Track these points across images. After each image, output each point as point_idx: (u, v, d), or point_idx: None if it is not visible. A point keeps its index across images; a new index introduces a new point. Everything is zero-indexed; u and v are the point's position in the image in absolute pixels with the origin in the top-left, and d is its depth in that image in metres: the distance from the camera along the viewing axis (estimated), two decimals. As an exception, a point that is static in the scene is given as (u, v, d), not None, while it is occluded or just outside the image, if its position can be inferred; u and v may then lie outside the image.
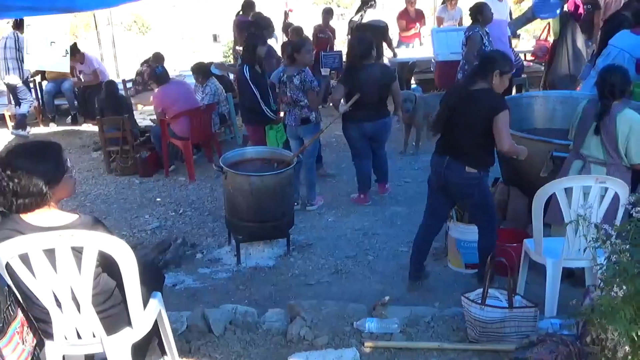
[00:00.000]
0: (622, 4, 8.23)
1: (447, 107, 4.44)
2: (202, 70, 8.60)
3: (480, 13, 7.99)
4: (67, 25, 9.59)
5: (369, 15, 9.45)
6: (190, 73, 8.99)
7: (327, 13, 11.47)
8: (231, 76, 9.02)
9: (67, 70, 9.92)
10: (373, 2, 9.66)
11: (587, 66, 7.42)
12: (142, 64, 10.85)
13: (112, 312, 3.05)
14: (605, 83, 4.32)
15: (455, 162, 4.39)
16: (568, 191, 4.04)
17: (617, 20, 6.98)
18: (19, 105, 10.16)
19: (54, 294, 2.85)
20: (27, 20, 8.68)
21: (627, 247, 2.74)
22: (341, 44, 12.05)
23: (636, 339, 2.70)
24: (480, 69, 4.38)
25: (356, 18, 9.67)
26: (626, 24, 6.25)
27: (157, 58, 9.98)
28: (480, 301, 3.75)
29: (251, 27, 8.24)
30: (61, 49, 9.24)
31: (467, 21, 9.70)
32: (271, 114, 6.63)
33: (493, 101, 4.26)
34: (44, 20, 8.74)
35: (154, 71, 8.18)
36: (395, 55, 10.52)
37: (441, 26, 11.27)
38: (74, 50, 10.10)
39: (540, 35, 10.62)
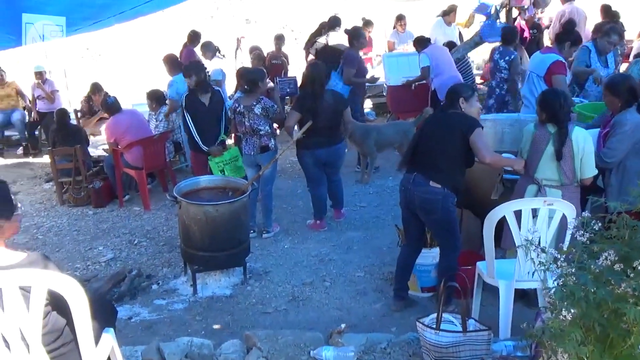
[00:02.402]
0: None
1: (420, 134, 4.68)
2: (156, 97, 8.55)
3: (515, 35, 8.26)
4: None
5: (333, 39, 9.52)
6: (145, 101, 8.93)
7: (279, 39, 11.55)
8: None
9: None
10: (337, 26, 9.74)
11: None
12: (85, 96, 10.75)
13: (63, 351, 3.00)
14: (560, 108, 4.42)
15: (422, 177, 4.52)
16: (518, 213, 4.13)
17: None
18: None
19: (1, 334, 2.78)
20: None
21: (574, 270, 2.80)
22: (296, 69, 12.11)
23: (585, 360, 2.76)
24: (447, 102, 4.66)
25: (322, 40, 9.73)
26: None
27: (95, 88, 9.87)
28: (434, 326, 3.78)
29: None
30: None
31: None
32: (202, 145, 6.51)
33: (467, 120, 4.50)
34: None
35: (105, 101, 8.10)
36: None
37: (393, 50, 11.47)
38: None
39: (489, 58, 10.85)
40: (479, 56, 13.05)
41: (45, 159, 9.25)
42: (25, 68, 11.48)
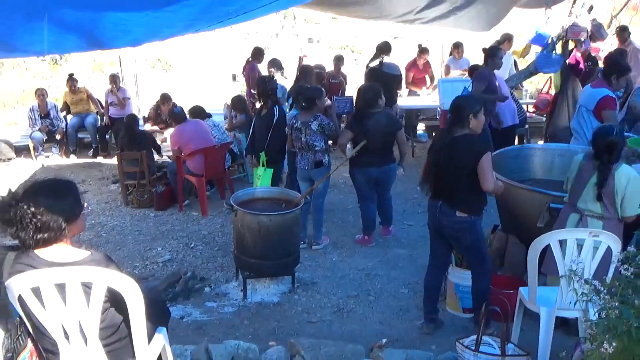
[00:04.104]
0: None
1: (433, 158, 4.63)
2: (198, 114, 8.81)
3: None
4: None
5: (387, 61, 9.63)
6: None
7: (338, 60, 11.77)
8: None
9: None
10: (388, 50, 9.84)
11: None
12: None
13: (118, 346, 3.13)
14: (606, 148, 4.39)
15: (447, 207, 4.56)
16: (563, 242, 4.16)
17: None
18: None
19: (62, 326, 2.93)
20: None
21: (617, 304, 2.82)
22: (354, 89, 12.32)
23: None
24: (455, 119, 4.54)
25: (372, 64, 9.87)
26: None
27: (164, 98, 10.28)
28: (474, 347, 3.85)
29: None
30: None
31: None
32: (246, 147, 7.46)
33: (475, 145, 4.45)
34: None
35: (172, 110, 8.47)
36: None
37: (449, 75, 11.53)
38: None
39: (542, 88, 10.80)
40: (533, 86, 12.97)
41: (114, 161, 9.68)
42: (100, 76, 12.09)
